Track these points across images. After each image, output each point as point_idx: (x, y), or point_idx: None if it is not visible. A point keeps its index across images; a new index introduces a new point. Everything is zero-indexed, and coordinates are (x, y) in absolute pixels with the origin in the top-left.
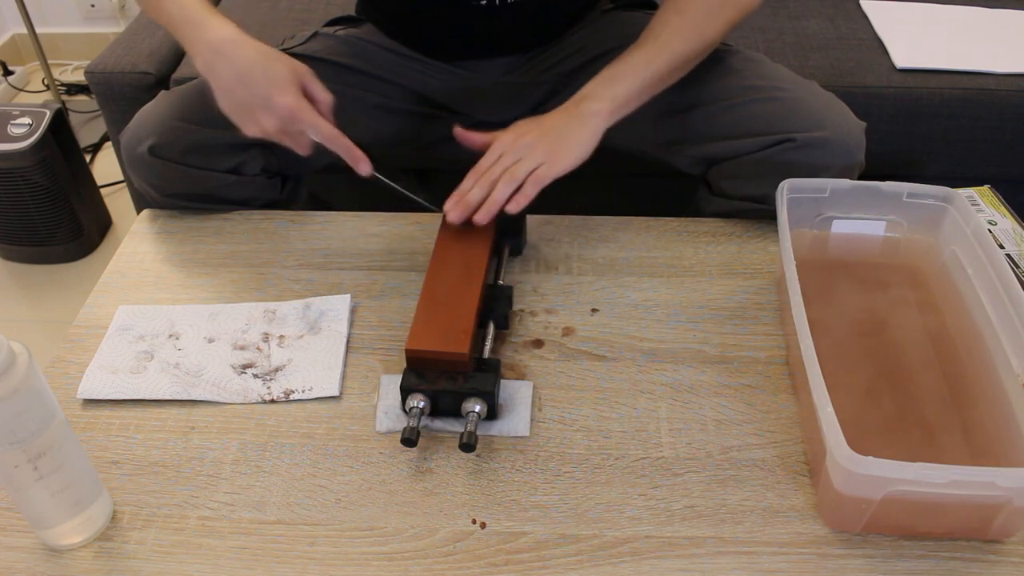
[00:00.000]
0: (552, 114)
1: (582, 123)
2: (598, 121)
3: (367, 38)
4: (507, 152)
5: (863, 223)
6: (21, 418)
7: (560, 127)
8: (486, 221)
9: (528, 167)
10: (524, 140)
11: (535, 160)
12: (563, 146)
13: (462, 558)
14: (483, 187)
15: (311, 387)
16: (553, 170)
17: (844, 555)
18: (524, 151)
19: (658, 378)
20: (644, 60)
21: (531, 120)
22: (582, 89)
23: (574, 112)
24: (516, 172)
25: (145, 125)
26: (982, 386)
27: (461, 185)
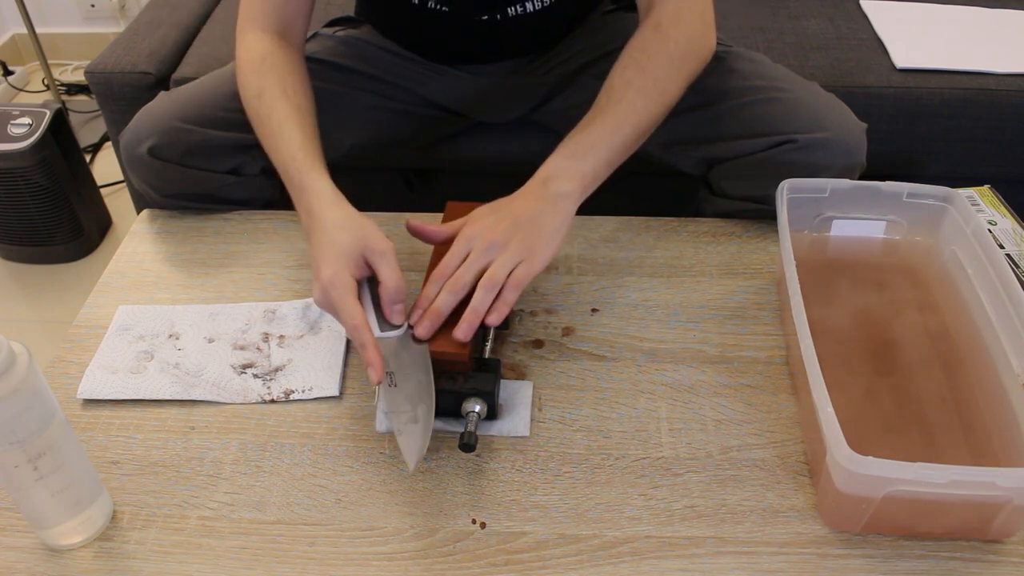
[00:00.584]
0: (518, 199)
1: (554, 209)
2: (569, 204)
3: (366, 39)
4: (476, 250)
5: (863, 223)
6: (21, 418)
7: (531, 216)
8: (469, 337)
9: (506, 268)
10: (494, 235)
11: (511, 259)
12: (539, 239)
13: (462, 558)
14: (451, 293)
15: (311, 387)
16: (532, 269)
17: (844, 555)
18: (496, 250)
19: (658, 378)
20: (610, 130)
21: (495, 207)
22: (546, 166)
23: (542, 195)
24: (495, 275)
25: (145, 125)
26: (982, 386)
27: (424, 290)
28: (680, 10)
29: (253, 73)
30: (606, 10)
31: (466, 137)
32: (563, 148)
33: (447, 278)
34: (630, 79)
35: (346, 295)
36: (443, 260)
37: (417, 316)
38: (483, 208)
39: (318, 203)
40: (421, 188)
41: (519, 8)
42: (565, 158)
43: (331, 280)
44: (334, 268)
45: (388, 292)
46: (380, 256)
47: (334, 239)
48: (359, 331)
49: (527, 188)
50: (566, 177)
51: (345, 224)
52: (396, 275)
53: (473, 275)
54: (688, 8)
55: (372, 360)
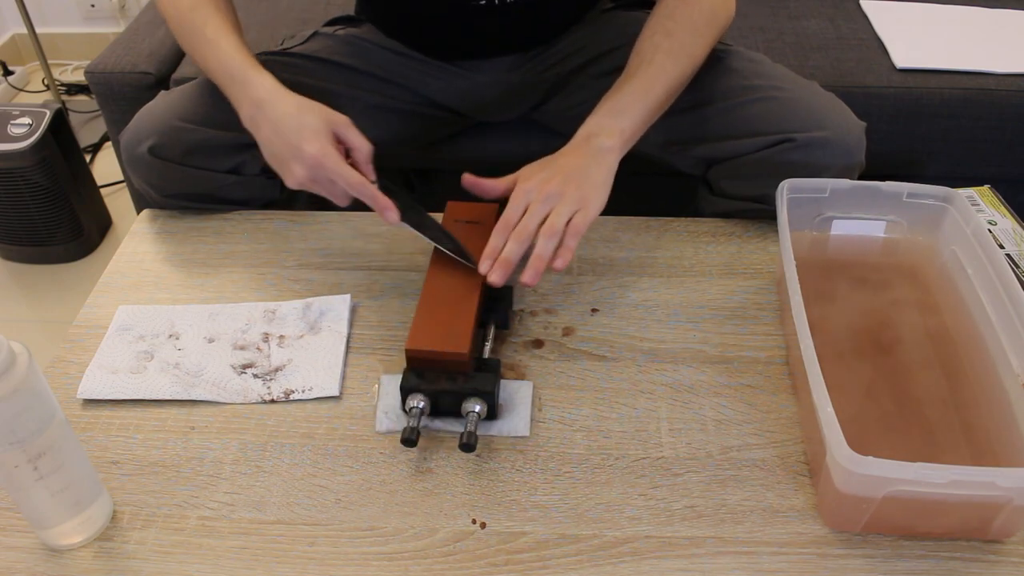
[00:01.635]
0: (564, 154)
1: (599, 162)
2: (612, 158)
3: (367, 38)
4: (535, 201)
5: (863, 223)
6: (21, 418)
7: (581, 168)
8: (536, 281)
9: (565, 216)
10: (549, 187)
11: (568, 208)
12: (590, 190)
13: (462, 558)
14: (519, 243)
15: (311, 387)
16: (588, 216)
17: (844, 555)
18: (554, 200)
19: (658, 378)
20: (643, 89)
21: (546, 163)
22: (587, 124)
23: (587, 150)
24: (555, 224)
25: (145, 125)
26: (982, 386)
27: (491, 241)
28: None
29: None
30: (604, 8)
31: (466, 137)
32: (601, 108)
33: (511, 229)
34: (658, 43)
35: (340, 162)
36: (505, 213)
37: (487, 266)
38: (531, 165)
39: (268, 94)
40: (421, 188)
41: None
42: (603, 116)
43: (321, 154)
44: (318, 144)
45: (363, 154)
46: (346, 127)
47: (303, 121)
48: (365, 185)
49: (571, 146)
50: (607, 133)
51: (307, 108)
52: (364, 140)
53: (537, 224)
54: None
55: (386, 203)
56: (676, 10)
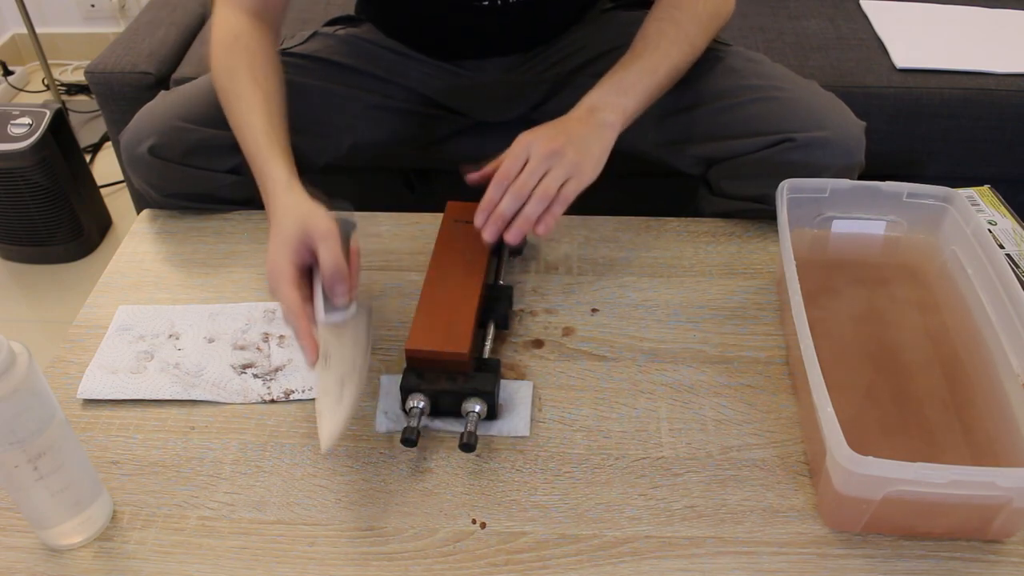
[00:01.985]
0: (568, 120)
1: (599, 135)
2: (611, 134)
3: (367, 37)
4: (535, 156)
5: (863, 223)
6: (21, 418)
7: (583, 136)
8: (518, 241)
9: (559, 180)
10: (553, 145)
11: (563, 172)
12: (588, 158)
13: (462, 558)
14: (515, 198)
15: (311, 387)
16: (580, 184)
17: (844, 555)
18: (554, 159)
19: (658, 378)
20: (648, 70)
21: (553, 125)
22: (590, 97)
23: (591, 122)
24: (549, 187)
25: (145, 125)
26: (982, 386)
27: (488, 193)
28: None
29: (225, 53)
30: (604, 8)
31: (466, 137)
32: (605, 83)
33: (509, 182)
34: (664, 30)
35: (281, 282)
36: (504, 164)
37: (482, 219)
38: (542, 126)
39: (273, 189)
40: (421, 188)
41: None
42: (608, 92)
43: (271, 268)
44: (273, 255)
45: (326, 274)
46: (320, 239)
47: (280, 225)
48: (292, 316)
49: (574, 114)
50: (610, 109)
51: (290, 211)
52: (334, 258)
53: (535, 181)
54: None
55: (305, 346)
56: (683, 1)
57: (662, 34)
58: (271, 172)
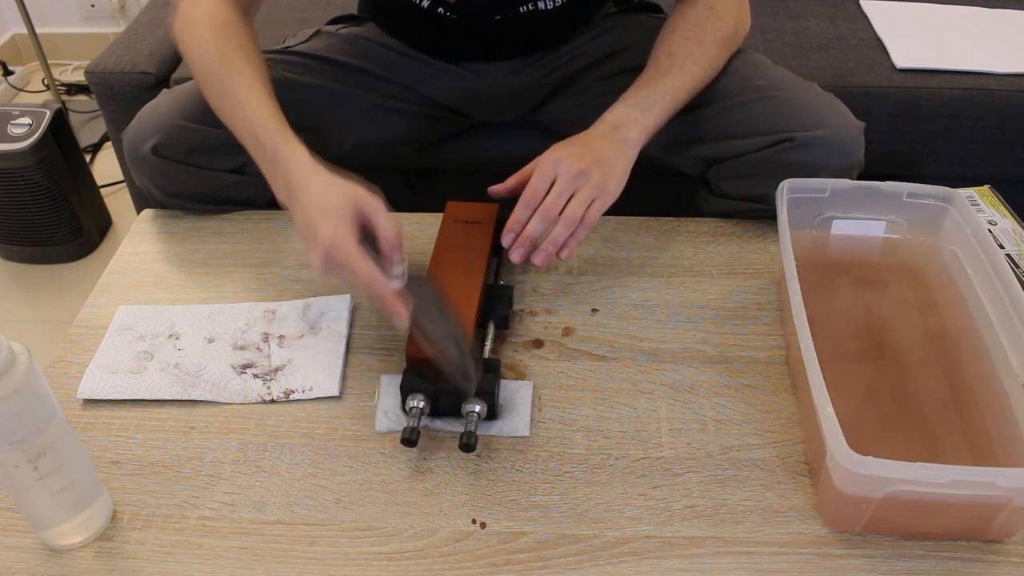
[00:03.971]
0: (592, 137)
1: (623, 153)
2: (633, 152)
3: (369, 37)
4: (563, 176)
5: (863, 223)
6: (21, 418)
7: (608, 154)
8: (545, 264)
9: (585, 203)
10: (581, 164)
11: (589, 193)
12: (611, 178)
13: (462, 558)
14: (543, 222)
15: (311, 387)
16: (603, 206)
17: (844, 555)
18: (581, 180)
19: (658, 378)
20: (672, 89)
21: (579, 142)
22: (613, 112)
23: (615, 139)
24: (576, 213)
25: (148, 124)
26: (982, 386)
27: (516, 214)
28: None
29: (211, 35)
30: (609, 12)
31: (466, 137)
32: (628, 99)
33: (537, 202)
34: (691, 50)
35: (352, 252)
36: (532, 182)
37: (509, 240)
38: (567, 142)
39: (298, 172)
40: (421, 188)
41: (530, 6)
42: (632, 109)
43: (333, 241)
44: (333, 228)
45: (388, 241)
46: (374, 210)
47: (325, 202)
48: (376, 284)
49: (597, 130)
50: (633, 125)
51: (332, 187)
52: (393, 225)
53: (564, 203)
54: None
55: (397, 309)
56: (707, 21)
57: (688, 53)
58: (292, 154)
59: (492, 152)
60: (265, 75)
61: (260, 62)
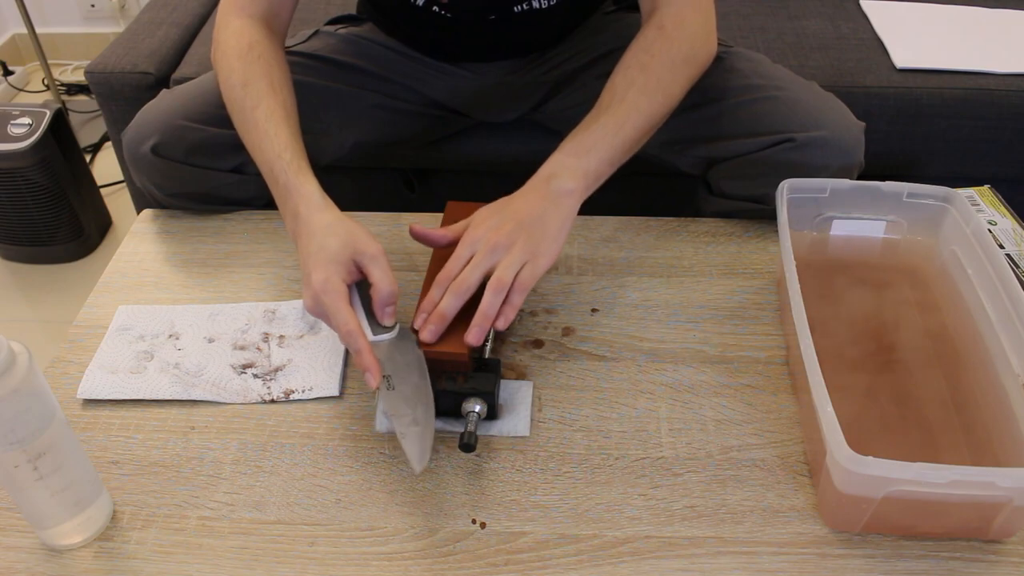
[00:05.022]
0: (521, 198)
1: (556, 207)
2: (572, 202)
3: (368, 37)
4: (480, 252)
5: (863, 223)
6: (21, 418)
7: (535, 216)
8: (480, 341)
9: (513, 270)
10: (498, 237)
11: (517, 261)
12: (543, 240)
13: (462, 558)
14: (456, 296)
15: (311, 387)
16: (537, 270)
17: (844, 555)
18: (501, 252)
19: (658, 378)
20: (613, 127)
21: (497, 207)
22: (549, 163)
23: (545, 194)
24: (502, 279)
25: (148, 124)
26: (982, 386)
27: (428, 294)
28: (683, 13)
29: (239, 61)
30: (607, 11)
31: (466, 137)
32: (565, 146)
33: (451, 281)
34: (633, 78)
35: (338, 300)
36: (447, 264)
37: (421, 320)
38: (485, 209)
39: (305, 207)
40: (421, 188)
41: (525, 5)
42: (568, 155)
43: (322, 286)
44: (325, 273)
45: (380, 295)
46: (371, 260)
47: (323, 244)
48: (353, 336)
49: (529, 186)
50: (569, 175)
51: (334, 229)
52: (388, 278)
53: (478, 278)
54: (691, 11)
55: (369, 365)
56: (654, 44)
57: (630, 83)
58: (301, 188)
59: (492, 152)
60: (288, 102)
61: (284, 88)
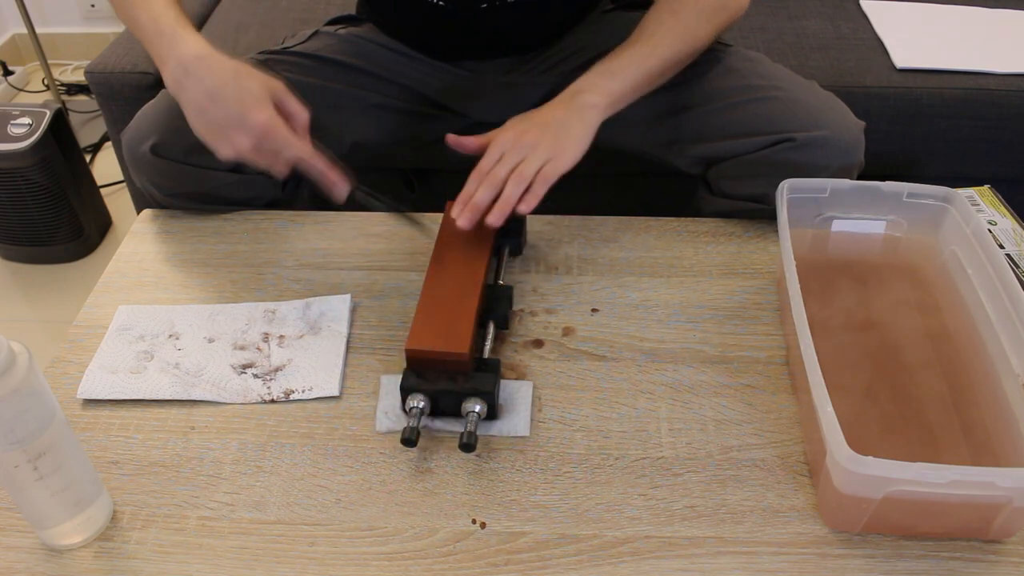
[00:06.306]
0: (548, 107)
1: (580, 117)
2: (595, 114)
3: (368, 37)
4: (509, 150)
5: (863, 223)
6: (21, 418)
7: (560, 121)
8: (500, 223)
9: (535, 165)
10: (526, 138)
11: (540, 157)
12: (566, 142)
13: (462, 558)
14: (489, 188)
15: (311, 387)
16: (559, 166)
17: (844, 555)
18: (527, 149)
19: (658, 378)
20: (639, 57)
21: (527, 116)
22: (577, 81)
23: (571, 105)
24: (524, 171)
25: (147, 124)
26: (982, 386)
27: (465, 188)
28: None
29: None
30: (605, 9)
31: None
32: (595, 68)
33: (484, 176)
34: (662, 20)
35: (288, 133)
36: (481, 162)
37: (458, 210)
38: (515, 118)
39: (199, 53)
40: (421, 188)
41: None
42: (594, 75)
43: (269, 123)
44: (266, 112)
45: (300, 123)
46: (284, 93)
47: (244, 87)
48: (314, 158)
49: (557, 99)
50: (595, 91)
51: (245, 72)
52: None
53: (507, 170)
54: None
55: (336, 178)
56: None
57: (660, 23)
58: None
59: None
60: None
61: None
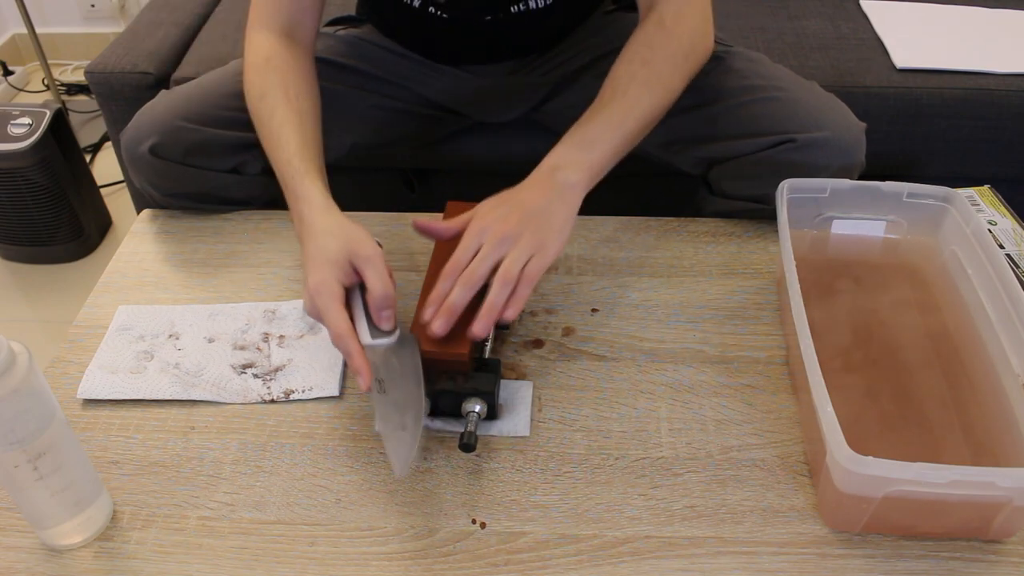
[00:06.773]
0: (525, 188)
1: (562, 199)
2: (575, 194)
3: (368, 38)
4: (488, 243)
5: (863, 223)
6: (21, 418)
7: (540, 208)
8: (486, 334)
9: (520, 262)
10: (506, 228)
11: (524, 252)
12: (549, 232)
13: (462, 558)
14: (466, 288)
15: (311, 387)
16: (544, 262)
17: (844, 555)
18: (508, 244)
19: (658, 378)
20: (616, 120)
21: (503, 198)
22: (553, 155)
23: (550, 186)
24: (510, 271)
25: (146, 124)
26: (982, 386)
27: (437, 287)
28: (682, 8)
29: (257, 75)
30: (607, 10)
31: (466, 137)
32: (569, 138)
33: (459, 273)
34: (634, 72)
35: (331, 302)
36: (454, 255)
37: (430, 313)
38: (490, 200)
39: (308, 209)
40: (421, 188)
41: (521, 6)
42: (571, 148)
43: (316, 287)
44: (320, 275)
45: (375, 299)
46: (366, 262)
47: (322, 246)
48: (343, 339)
49: (534, 178)
50: (573, 167)
51: (333, 230)
52: (383, 281)
53: (487, 269)
54: (690, 6)
55: (359, 368)
56: (655, 38)
57: (632, 77)
58: (306, 192)
59: (492, 152)
60: (305, 108)
61: (302, 96)
